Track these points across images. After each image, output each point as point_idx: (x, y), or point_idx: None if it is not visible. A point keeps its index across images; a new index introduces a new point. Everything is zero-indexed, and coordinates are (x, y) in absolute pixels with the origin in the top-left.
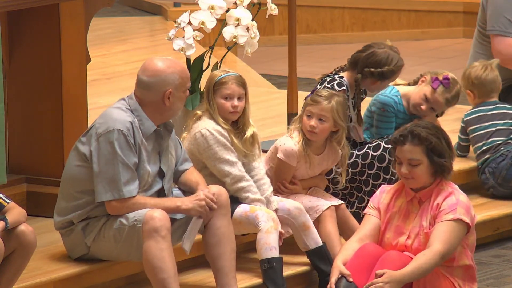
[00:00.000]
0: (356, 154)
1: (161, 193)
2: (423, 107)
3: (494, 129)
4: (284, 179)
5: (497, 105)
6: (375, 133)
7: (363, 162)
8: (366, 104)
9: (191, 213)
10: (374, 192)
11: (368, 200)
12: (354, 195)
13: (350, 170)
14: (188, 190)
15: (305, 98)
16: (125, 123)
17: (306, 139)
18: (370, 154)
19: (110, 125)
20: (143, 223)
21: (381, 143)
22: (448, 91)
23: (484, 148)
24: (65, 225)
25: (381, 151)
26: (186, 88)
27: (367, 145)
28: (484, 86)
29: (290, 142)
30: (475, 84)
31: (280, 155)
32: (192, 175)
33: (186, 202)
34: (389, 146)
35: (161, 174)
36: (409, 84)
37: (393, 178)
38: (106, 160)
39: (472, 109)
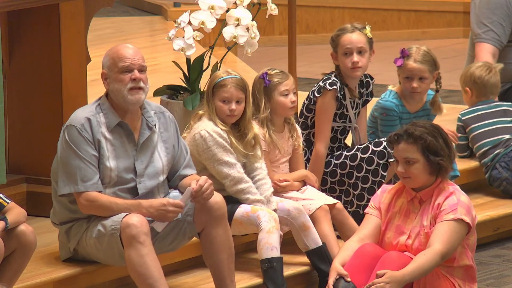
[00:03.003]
0: (345, 154)
1: (134, 192)
2: (413, 85)
3: (498, 126)
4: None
5: (496, 103)
6: (381, 138)
7: (351, 164)
8: (369, 108)
9: (155, 219)
10: (363, 195)
11: (357, 205)
12: (342, 199)
13: (338, 171)
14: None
15: (257, 86)
16: (81, 120)
17: (267, 127)
18: (359, 156)
19: (68, 122)
20: (120, 231)
21: (369, 145)
22: (412, 56)
23: (489, 146)
24: (55, 224)
25: (370, 154)
26: (119, 68)
27: (356, 147)
28: (485, 87)
29: None
30: (477, 83)
31: None
32: (191, 179)
33: (151, 209)
34: (378, 148)
35: (135, 171)
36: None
37: (383, 181)
38: (64, 155)
39: (469, 108)
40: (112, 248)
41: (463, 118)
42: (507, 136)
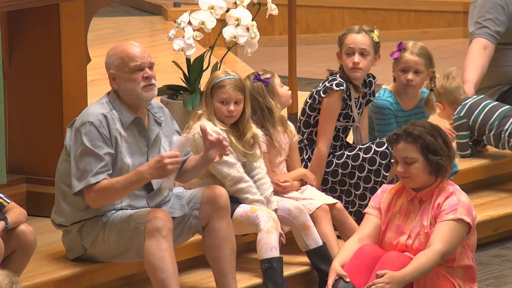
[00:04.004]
0: (347, 154)
1: (149, 186)
2: (408, 77)
3: (497, 102)
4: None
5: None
6: (378, 137)
7: (353, 164)
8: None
9: (159, 177)
10: (365, 195)
11: (359, 204)
12: (343, 199)
13: (340, 171)
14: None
15: (256, 91)
16: (97, 116)
17: (265, 128)
18: (361, 156)
19: (83, 119)
20: (146, 222)
21: (372, 145)
22: (409, 49)
23: (506, 110)
24: (61, 225)
25: (372, 154)
26: (130, 68)
27: (358, 147)
28: (450, 93)
29: None
30: (442, 93)
31: None
32: (190, 160)
33: (151, 170)
34: (380, 149)
35: None
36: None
37: (384, 181)
38: (80, 152)
39: (456, 109)
40: (133, 243)
41: (461, 115)
42: None
